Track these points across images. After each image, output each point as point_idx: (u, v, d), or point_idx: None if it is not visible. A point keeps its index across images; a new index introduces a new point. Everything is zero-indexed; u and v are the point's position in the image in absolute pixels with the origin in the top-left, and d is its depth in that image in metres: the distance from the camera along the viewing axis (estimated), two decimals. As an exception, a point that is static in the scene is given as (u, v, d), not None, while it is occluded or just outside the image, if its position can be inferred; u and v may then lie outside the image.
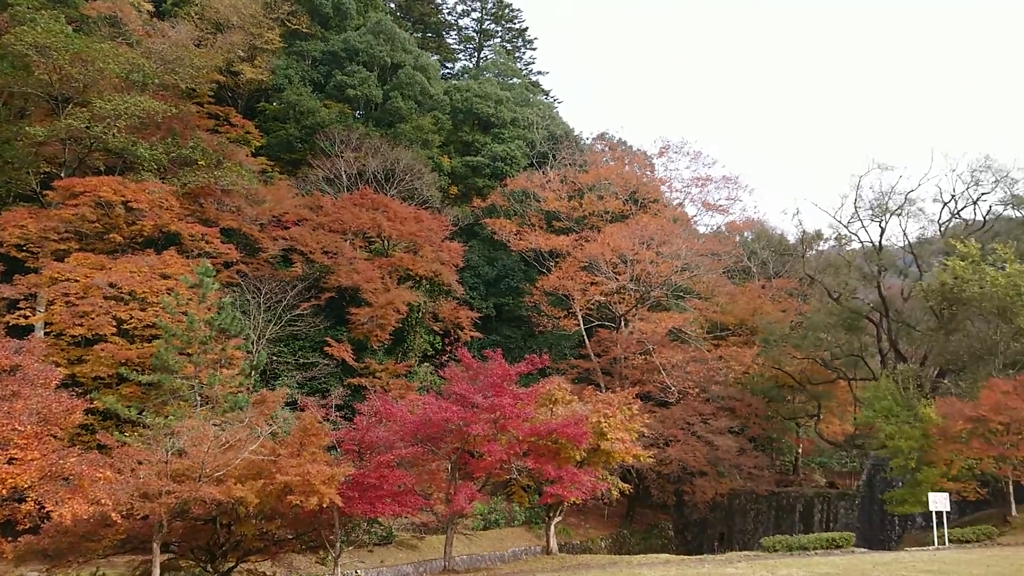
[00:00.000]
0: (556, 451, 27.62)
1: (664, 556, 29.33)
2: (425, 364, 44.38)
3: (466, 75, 66.55)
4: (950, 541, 28.47)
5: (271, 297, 38.08)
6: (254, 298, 37.57)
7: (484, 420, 25.63)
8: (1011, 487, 31.15)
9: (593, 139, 63.70)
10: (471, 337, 46.09)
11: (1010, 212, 44.56)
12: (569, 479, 27.00)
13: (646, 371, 45.24)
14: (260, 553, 24.91)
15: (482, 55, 72.02)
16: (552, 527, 31.12)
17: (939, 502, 28.51)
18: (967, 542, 28.46)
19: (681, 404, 44.27)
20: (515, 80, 64.93)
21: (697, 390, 44.68)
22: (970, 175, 43.98)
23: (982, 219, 45.00)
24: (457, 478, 27.12)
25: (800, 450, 55.22)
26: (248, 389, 31.30)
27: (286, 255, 41.70)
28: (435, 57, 64.56)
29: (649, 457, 31.83)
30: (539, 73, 74.94)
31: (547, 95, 72.68)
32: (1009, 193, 43.63)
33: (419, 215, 45.14)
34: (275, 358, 38.91)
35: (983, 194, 44.33)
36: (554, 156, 55.34)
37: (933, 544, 28.32)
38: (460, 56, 73.24)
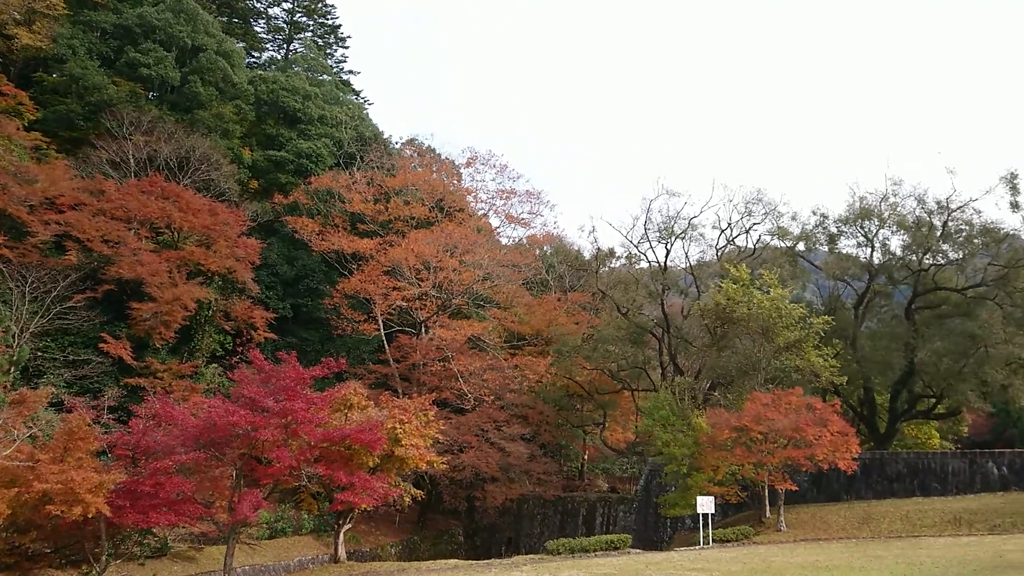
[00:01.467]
0: (349, 457, 27.17)
1: (453, 561, 29.65)
2: (214, 365, 42.06)
3: (274, 67, 64.04)
4: (714, 541, 31.02)
5: (39, 287, 34.50)
6: (18, 287, 33.88)
7: (275, 425, 24.72)
8: (766, 491, 34.46)
9: (403, 144, 63.52)
10: (265, 338, 44.26)
11: (776, 242, 49.48)
12: (362, 485, 26.64)
13: (444, 378, 45.59)
14: (9, 571, 22.43)
15: (292, 48, 69.69)
16: (341, 535, 30.54)
17: (705, 505, 31.00)
18: (728, 541, 31.13)
19: (477, 411, 45.03)
20: (325, 77, 63.41)
21: (493, 397, 45.66)
22: (744, 206, 48.45)
23: (753, 247, 49.66)
24: (242, 485, 25.93)
25: (586, 456, 58.00)
26: (5, 387, 28.17)
27: (59, 241, 37.98)
28: (241, 44, 61.62)
29: (443, 463, 32.12)
30: (351, 72, 73.57)
31: (358, 95, 71.57)
32: (776, 225, 48.45)
33: (215, 208, 42.81)
34: (40, 354, 35.23)
35: (754, 224, 48.98)
36: (362, 158, 54.58)
37: (699, 544, 30.71)
38: (268, 47, 70.40)
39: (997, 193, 41.46)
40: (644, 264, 51.56)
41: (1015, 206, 41.23)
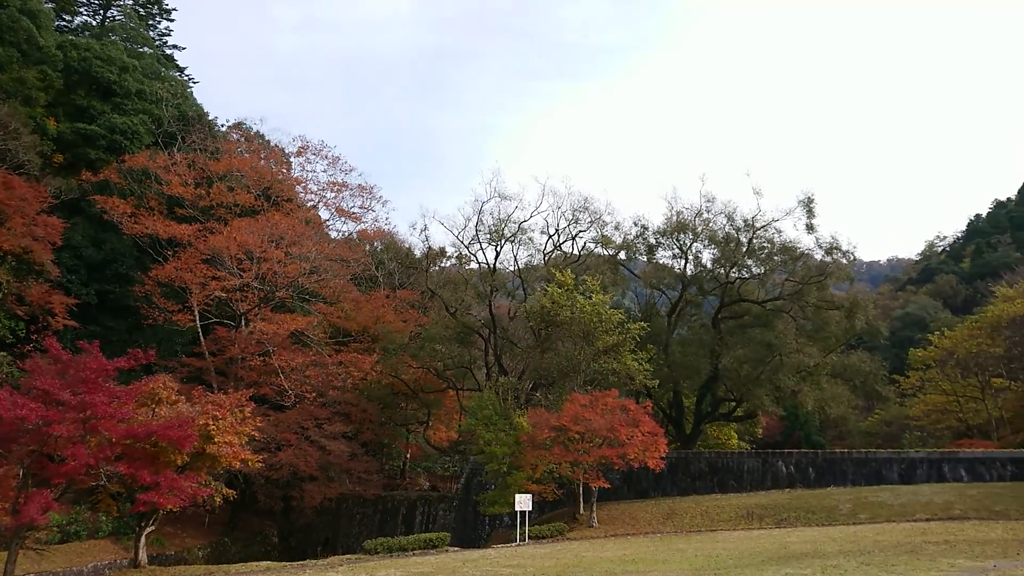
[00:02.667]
0: (156, 455, 25.54)
1: (265, 564, 28.55)
2: (2, 353, 38.25)
3: (88, 33, 59.06)
4: (530, 538, 31.79)
5: None
6: None
7: (71, 420, 22.79)
8: (581, 489, 35.76)
9: (229, 127, 60.63)
10: (65, 326, 40.69)
11: (600, 250, 51.55)
12: (168, 485, 25.11)
13: (264, 373, 43.90)
14: None
15: (109, 15, 64.60)
16: (143, 538, 28.63)
17: (523, 503, 31.70)
18: (543, 538, 32.02)
19: (297, 408, 43.72)
20: (146, 49, 59.29)
21: (315, 394, 44.49)
22: (572, 214, 50.12)
23: (578, 253, 51.48)
24: (30, 485, 23.68)
25: (408, 455, 57.77)
26: None
27: None
28: (50, 5, 56.42)
29: (259, 462, 30.88)
30: (175, 47, 69.03)
31: (182, 72, 67.38)
32: (600, 233, 50.46)
33: (10, 180, 38.88)
34: None
35: (580, 231, 50.79)
36: (184, 138, 51.55)
37: (516, 541, 31.36)
38: (83, 11, 64.80)
39: (796, 215, 45.39)
40: (474, 265, 52.16)
41: (810, 228, 45.32)
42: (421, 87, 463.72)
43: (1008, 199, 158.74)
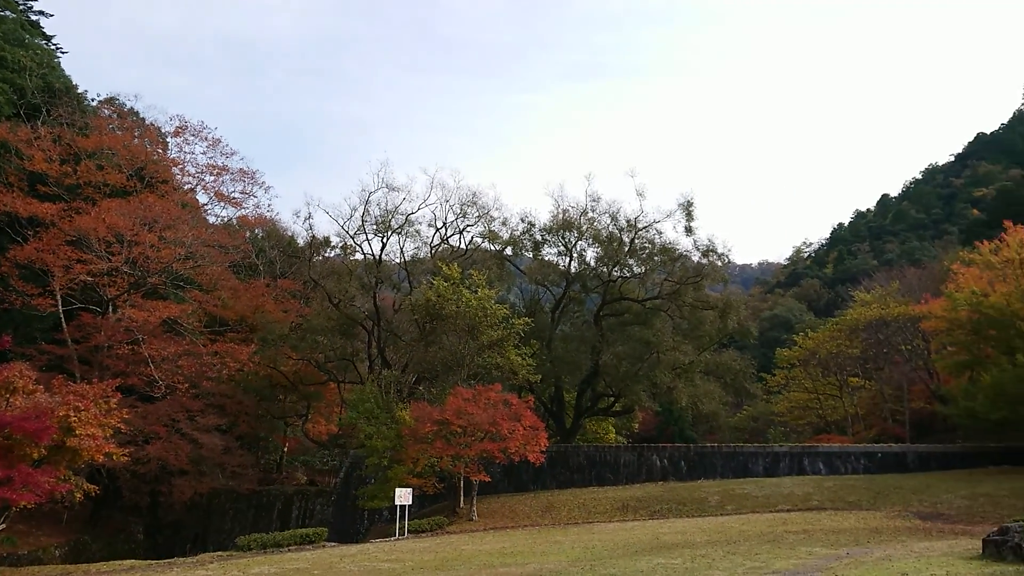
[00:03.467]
0: (9, 448, 23.83)
1: (129, 562, 27.19)
2: None
3: (-60, -10, 54.39)
4: (409, 532, 31.63)
5: None
6: None
7: (-89, 410, 21.00)
8: (462, 482, 35.86)
9: (101, 102, 57.16)
10: (-94, 308, 37.47)
11: (487, 245, 51.75)
12: (22, 480, 23.48)
13: (132, 362, 41.68)
14: None
15: (-35, -28, 59.73)
16: (-8, 537, 26.73)
17: (403, 497, 31.51)
18: (423, 532, 31.93)
19: (168, 400, 41.79)
20: (8, 13, 55.14)
21: (187, 385, 42.60)
22: (460, 208, 50.05)
23: (465, 247, 51.51)
24: None
25: (286, 449, 56.32)
26: None
27: None
28: None
29: (125, 455, 29.36)
30: (41, 13, 64.55)
31: (49, 41, 63.07)
32: (488, 228, 50.64)
33: None
34: None
35: (468, 225, 50.81)
36: (49, 111, 48.28)
37: (395, 535, 31.15)
38: (-66, -34, 59.66)
39: (676, 217, 46.96)
40: (359, 256, 51.24)
41: (689, 230, 47.00)
42: (309, 74, 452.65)
43: (868, 210, 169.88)
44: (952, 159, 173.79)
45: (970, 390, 42.32)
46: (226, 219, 57.72)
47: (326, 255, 55.15)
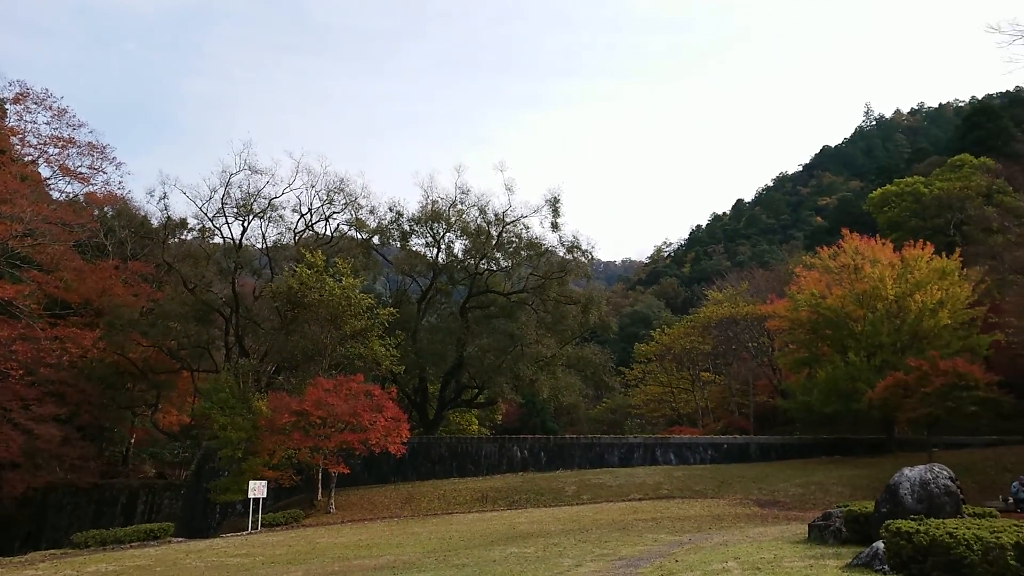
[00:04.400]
0: None
1: (-53, 563, 25.08)
2: None
3: None
4: (263, 525, 30.74)
5: None
6: None
7: None
8: (320, 474, 35.19)
9: (-73, 61, 52.14)
10: None
11: (354, 233, 50.85)
12: None
13: (-42, 346, 38.34)
14: None
15: None
16: None
17: (257, 489, 30.59)
18: (277, 525, 31.11)
19: (0, 387, 38.71)
20: None
21: (22, 372, 39.59)
22: (326, 194, 48.91)
23: (331, 235, 50.39)
24: None
25: (133, 440, 53.43)
26: None
27: None
28: None
29: (-55, 447, 27.04)
30: None
31: None
32: (354, 216, 49.79)
33: None
34: None
35: (334, 212, 49.73)
36: None
37: (247, 529, 30.19)
38: None
39: (543, 213, 47.75)
40: (218, 240, 49.06)
41: (555, 226, 47.91)
42: (168, 48, 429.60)
43: (724, 213, 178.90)
44: (800, 169, 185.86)
45: (807, 386, 45.40)
46: (72, 195, 53.80)
47: (182, 237, 52.58)
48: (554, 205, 47.50)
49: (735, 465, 42.66)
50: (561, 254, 48.39)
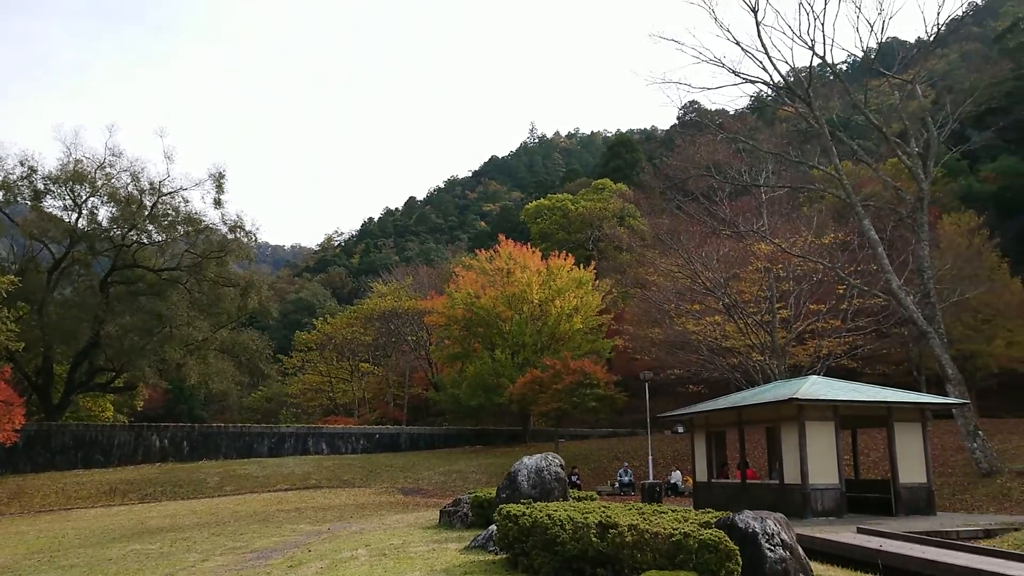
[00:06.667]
0: None
1: None
2: None
3: None
4: None
5: None
6: None
7: None
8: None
9: None
10: None
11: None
12: None
13: None
14: None
15: None
16: None
17: None
18: None
19: None
20: None
21: None
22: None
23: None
24: None
25: None
26: None
27: None
28: None
29: None
30: None
31: None
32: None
33: None
34: None
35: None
36: None
37: None
38: None
39: (206, 187, 45.00)
40: None
41: (218, 203, 45.40)
42: None
43: (397, 209, 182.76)
44: (470, 175, 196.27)
45: (457, 379, 48.06)
46: None
47: None
48: (219, 180, 44.90)
49: (386, 455, 43.77)
50: (223, 232, 45.89)
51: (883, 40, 30.76)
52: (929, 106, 33.22)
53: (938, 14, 66.38)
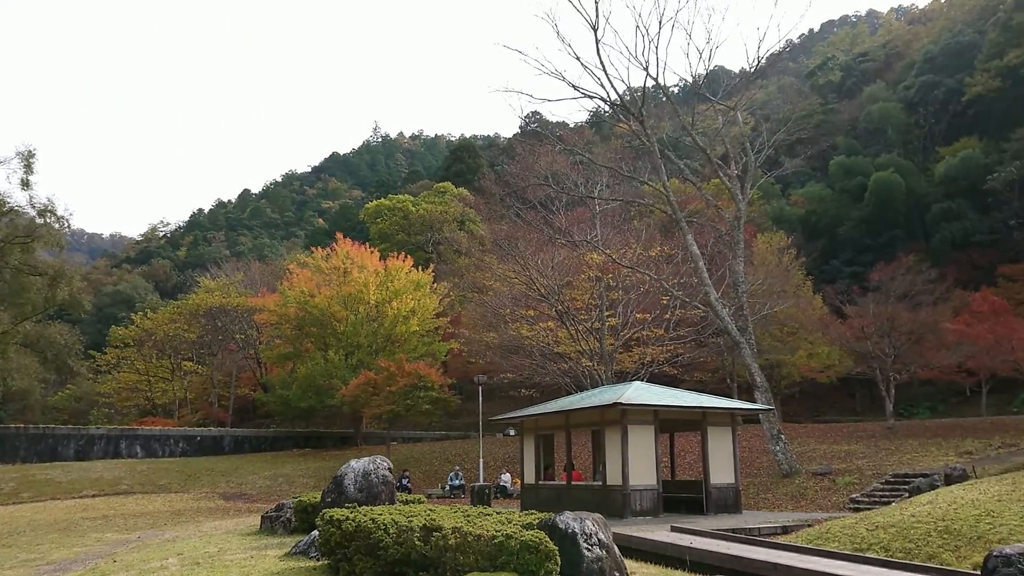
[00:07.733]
0: None
1: None
2: None
3: None
4: None
5: None
6: None
7: None
8: None
9: None
10: None
11: None
12: None
13: None
14: None
15: None
16: None
17: None
18: None
19: None
20: None
21: None
22: None
23: None
24: None
25: None
26: None
27: None
28: None
29: None
30: None
31: None
32: None
33: None
34: None
35: None
36: None
37: None
38: None
39: (12, 167, 41.15)
40: None
41: (26, 184, 41.63)
42: None
43: (229, 201, 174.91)
44: (309, 170, 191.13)
45: (287, 380, 46.61)
46: None
47: None
48: (27, 160, 41.11)
49: (207, 458, 41.72)
50: (31, 216, 42.14)
51: (710, 68, 33.10)
52: (748, 132, 35.98)
53: (759, 47, 71.27)
